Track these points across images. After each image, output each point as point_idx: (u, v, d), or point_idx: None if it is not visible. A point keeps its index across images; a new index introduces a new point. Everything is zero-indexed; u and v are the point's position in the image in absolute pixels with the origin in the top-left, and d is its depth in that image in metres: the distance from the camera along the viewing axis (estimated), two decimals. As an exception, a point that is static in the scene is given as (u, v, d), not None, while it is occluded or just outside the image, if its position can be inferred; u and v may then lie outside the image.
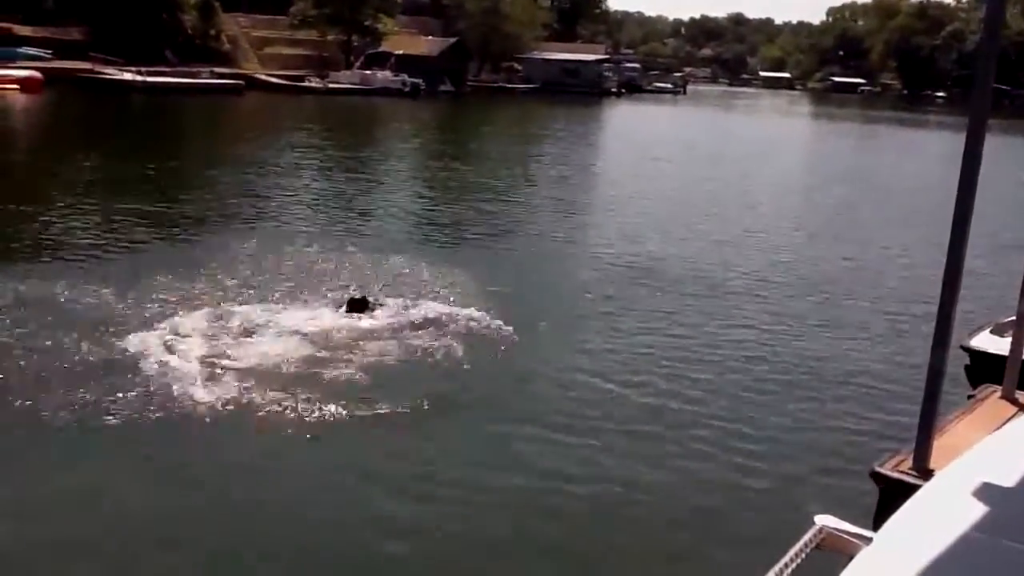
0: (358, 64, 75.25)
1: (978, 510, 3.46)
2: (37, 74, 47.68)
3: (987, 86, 5.51)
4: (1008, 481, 3.75)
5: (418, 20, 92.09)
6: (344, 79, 71.25)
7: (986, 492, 3.62)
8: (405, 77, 73.05)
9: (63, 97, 45.82)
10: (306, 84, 67.90)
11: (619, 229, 20.20)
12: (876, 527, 3.86)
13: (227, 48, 68.91)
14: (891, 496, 5.42)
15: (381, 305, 12.22)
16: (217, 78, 60.13)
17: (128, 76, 53.77)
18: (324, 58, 76.63)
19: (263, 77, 65.79)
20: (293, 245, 16.10)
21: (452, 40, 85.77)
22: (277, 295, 12.60)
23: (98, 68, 55.15)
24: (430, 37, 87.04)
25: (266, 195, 22.23)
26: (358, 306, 12.01)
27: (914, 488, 4.34)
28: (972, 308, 12.61)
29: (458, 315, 11.95)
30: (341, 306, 12.08)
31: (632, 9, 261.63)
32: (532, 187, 27.53)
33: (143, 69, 54.60)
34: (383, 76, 72.55)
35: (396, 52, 77.12)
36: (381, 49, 78.02)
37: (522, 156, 36.60)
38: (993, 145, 7.71)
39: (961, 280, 5.60)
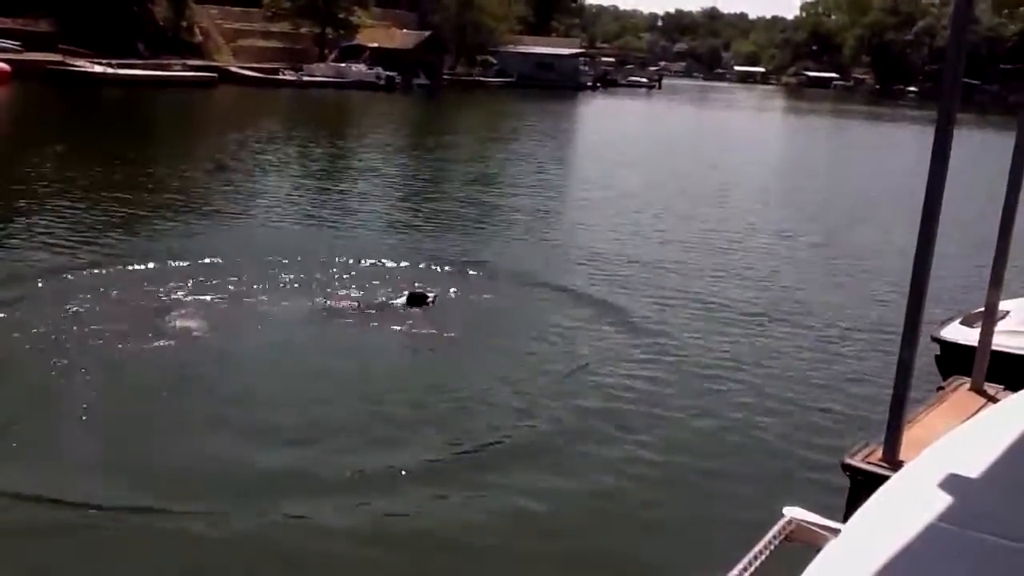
0: (332, 57, 74.88)
1: (946, 501, 3.48)
2: (4, 66, 46.95)
3: (956, 82, 5.53)
4: (975, 472, 3.78)
5: (392, 13, 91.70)
6: (318, 72, 70.87)
7: (954, 483, 3.64)
8: (380, 70, 72.82)
9: (32, 90, 45.21)
10: (280, 77, 67.47)
11: (609, 226, 20.26)
12: (847, 519, 3.87)
13: (199, 40, 68.24)
14: (861, 487, 5.45)
15: (436, 300, 12.15)
16: (189, 71, 59.59)
17: (99, 69, 53.09)
18: (298, 51, 76.14)
19: (236, 70, 65.25)
20: (297, 241, 16.01)
21: (427, 33, 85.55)
22: (318, 291, 12.48)
23: (68, 60, 54.42)
24: (405, 30, 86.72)
25: (257, 191, 21.91)
26: (417, 300, 11.95)
27: (884, 479, 4.36)
28: (943, 299, 12.75)
29: (510, 313, 12.32)
30: (396, 300, 12.02)
31: (607, 3, 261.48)
32: (509, 183, 27.51)
33: (114, 62, 53.96)
34: (358, 69, 72.27)
35: (370, 45, 76.86)
36: (355, 42, 77.69)
37: (500, 152, 36.51)
38: (964, 139, 7.79)
39: (931, 271, 5.62)
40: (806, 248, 18.87)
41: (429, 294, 12.12)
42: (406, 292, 12.23)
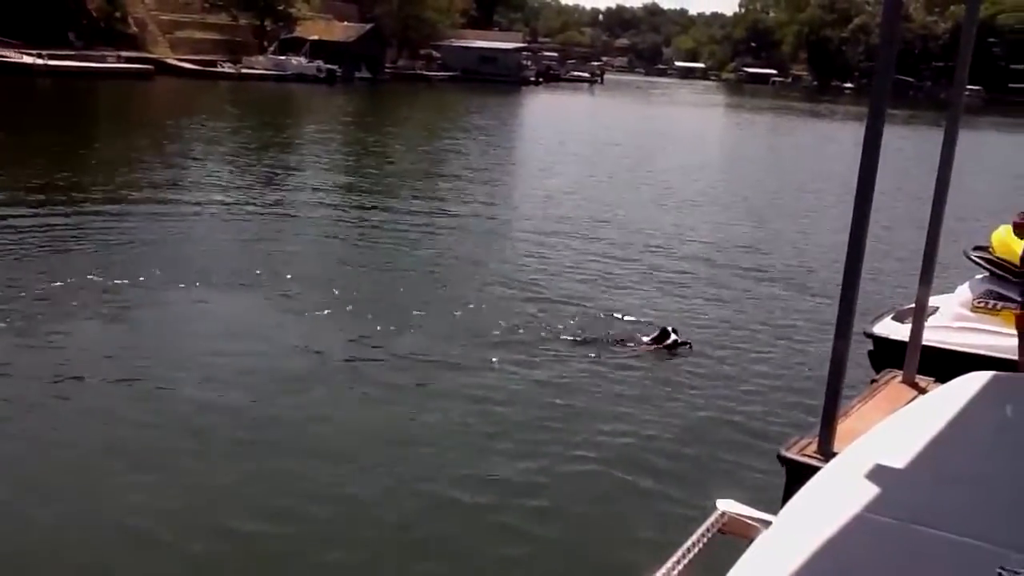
0: (272, 49, 73.95)
1: (874, 491, 3.53)
2: (-70, 56, 45.55)
3: (887, 79, 5.62)
4: (903, 463, 3.84)
5: (333, 5, 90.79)
6: (258, 65, 69.99)
7: (883, 474, 3.70)
8: (320, 63, 72.13)
9: (-42, 81, 43.89)
10: (219, 69, 66.39)
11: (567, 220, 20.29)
12: (782, 510, 3.92)
13: (134, 31, 66.79)
14: (796, 479, 5.52)
15: (686, 340, 11.13)
16: (124, 62, 58.28)
17: (29, 60, 51.67)
18: (237, 43, 74.99)
19: (173, 62, 64.08)
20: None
21: (368, 26, 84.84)
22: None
23: (-4, 51, 52.91)
24: (345, 23, 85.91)
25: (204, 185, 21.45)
26: (663, 338, 10.96)
27: (818, 471, 4.43)
28: (876, 295, 13.00)
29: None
30: (646, 337, 11.16)
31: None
32: (450, 185, 27.40)
33: (44, 52, 52.50)
34: (298, 62, 71.49)
35: (311, 37, 76.10)
36: (295, 34, 76.81)
37: (442, 150, 36.33)
38: (899, 135, 7.89)
39: (862, 267, 5.72)
40: (739, 245, 18.97)
41: (677, 335, 11.05)
42: (657, 329, 11.22)
